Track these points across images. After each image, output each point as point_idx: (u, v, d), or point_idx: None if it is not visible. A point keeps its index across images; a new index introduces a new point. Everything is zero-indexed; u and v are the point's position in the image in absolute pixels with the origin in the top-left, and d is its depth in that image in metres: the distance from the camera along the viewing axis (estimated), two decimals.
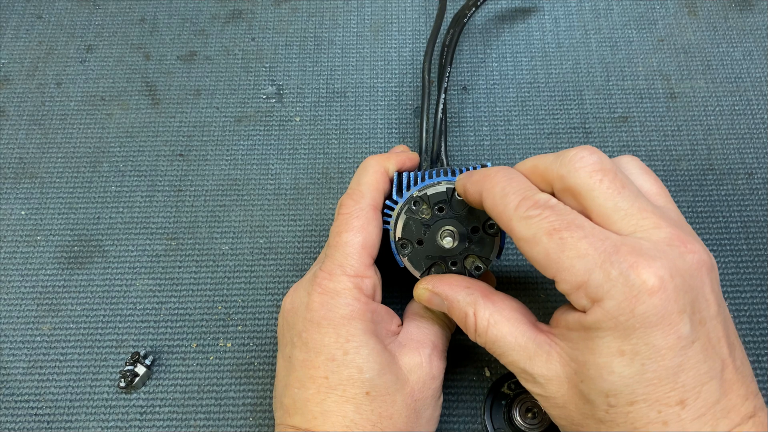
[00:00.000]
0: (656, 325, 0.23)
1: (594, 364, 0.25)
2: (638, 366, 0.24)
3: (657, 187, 0.29)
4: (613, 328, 0.24)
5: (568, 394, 0.26)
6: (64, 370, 0.38)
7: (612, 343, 0.24)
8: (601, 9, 0.50)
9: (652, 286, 0.23)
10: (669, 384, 0.24)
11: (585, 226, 0.25)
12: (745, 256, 0.41)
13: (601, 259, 0.24)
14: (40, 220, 0.43)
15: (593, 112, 0.46)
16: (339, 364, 0.29)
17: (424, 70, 0.42)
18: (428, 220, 0.32)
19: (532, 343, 0.28)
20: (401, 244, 0.32)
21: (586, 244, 0.24)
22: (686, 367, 0.24)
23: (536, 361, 0.27)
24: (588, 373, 0.25)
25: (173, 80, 0.48)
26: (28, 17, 0.51)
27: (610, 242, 0.24)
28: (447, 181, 0.32)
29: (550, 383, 0.27)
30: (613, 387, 0.24)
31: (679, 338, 0.24)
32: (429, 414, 0.32)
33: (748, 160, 0.44)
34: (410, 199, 0.32)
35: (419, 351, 0.32)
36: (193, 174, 0.44)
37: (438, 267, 0.33)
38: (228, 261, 0.41)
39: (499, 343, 0.29)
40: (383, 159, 0.35)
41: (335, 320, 0.30)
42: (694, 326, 0.24)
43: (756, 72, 0.47)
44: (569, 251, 0.25)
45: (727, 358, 0.25)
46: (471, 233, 0.32)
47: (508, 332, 0.28)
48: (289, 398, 0.30)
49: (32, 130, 0.46)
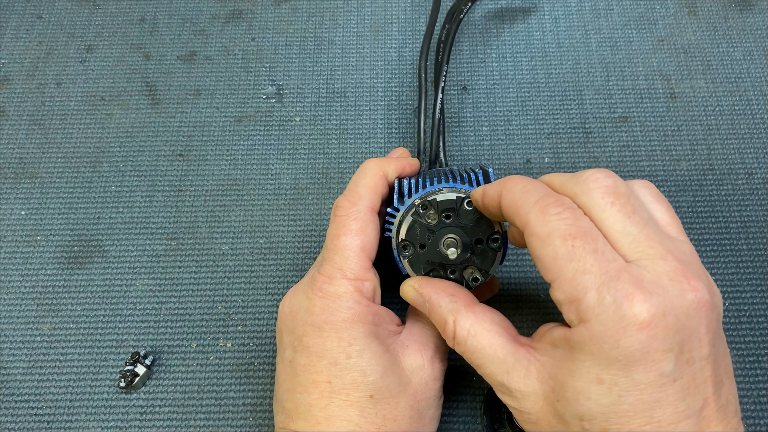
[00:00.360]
0: (639, 360, 0.23)
1: (572, 387, 0.25)
2: (615, 396, 0.24)
3: (669, 216, 0.29)
4: (595, 353, 0.24)
5: (543, 411, 0.26)
6: (64, 370, 0.38)
7: (592, 368, 0.24)
8: (601, 9, 0.50)
9: (642, 321, 0.23)
10: (644, 418, 0.24)
11: (598, 240, 0.25)
12: (745, 256, 0.41)
13: (601, 281, 0.24)
14: (40, 220, 0.43)
15: (593, 112, 0.46)
16: (342, 368, 0.29)
17: (420, 68, 0.42)
18: (434, 225, 0.32)
19: (511, 356, 0.28)
20: (403, 245, 0.32)
21: (592, 260, 0.24)
22: (664, 404, 0.24)
23: (514, 375, 0.27)
24: (565, 394, 0.25)
25: (173, 80, 0.48)
26: (28, 17, 0.51)
27: (615, 266, 0.24)
28: (456, 189, 0.31)
29: (527, 399, 0.27)
30: (588, 412, 0.24)
31: (660, 375, 0.24)
32: (431, 414, 0.32)
33: (748, 160, 0.44)
34: (417, 203, 0.32)
35: (422, 353, 0.32)
36: (193, 174, 0.44)
37: (436, 273, 0.33)
38: (228, 261, 0.41)
39: (477, 354, 0.28)
40: (383, 163, 0.34)
41: (337, 324, 0.30)
42: (679, 365, 0.24)
43: (756, 72, 0.47)
44: (576, 262, 0.24)
45: (710, 396, 0.25)
46: (474, 244, 0.32)
47: (488, 344, 0.28)
48: (292, 403, 0.30)
49: (32, 130, 0.46)
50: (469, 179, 0.33)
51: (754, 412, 0.37)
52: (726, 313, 0.39)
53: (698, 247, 0.41)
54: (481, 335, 0.29)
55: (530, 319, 0.39)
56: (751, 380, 0.37)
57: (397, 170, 0.35)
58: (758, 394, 0.37)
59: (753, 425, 0.36)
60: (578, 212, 0.26)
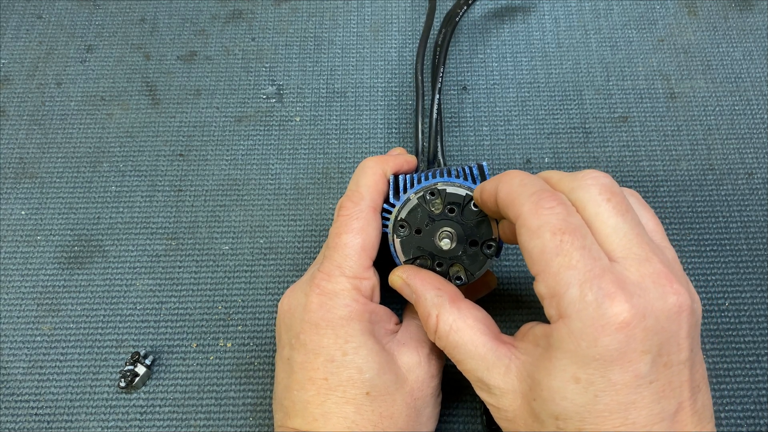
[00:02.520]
0: (616, 360, 0.24)
1: (548, 386, 0.25)
2: (591, 396, 0.24)
3: (654, 224, 0.29)
4: (573, 351, 0.24)
5: (520, 410, 0.27)
6: (64, 370, 0.38)
7: (569, 367, 0.24)
8: (601, 9, 0.50)
9: (621, 321, 0.23)
10: (619, 419, 0.24)
11: (587, 237, 0.25)
12: (745, 256, 0.41)
13: (585, 278, 0.24)
14: (40, 220, 0.43)
15: (593, 112, 0.46)
16: (338, 365, 0.29)
17: (417, 71, 0.42)
18: (436, 215, 0.32)
19: (492, 354, 0.28)
20: (400, 224, 0.32)
21: (578, 256, 0.24)
22: (639, 406, 0.24)
23: (494, 373, 0.28)
24: (541, 393, 0.25)
25: (173, 80, 0.48)
26: (28, 17, 0.51)
27: (600, 264, 0.25)
28: (461, 185, 0.32)
29: (505, 396, 0.27)
30: (563, 412, 0.24)
31: (637, 377, 0.24)
32: (429, 412, 0.32)
33: (748, 160, 0.44)
34: (427, 188, 0.32)
35: (418, 350, 0.32)
36: (193, 174, 0.44)
37: (423, 261, 0.33)
38: (228, 261, 0.41)
39: (459, 350, 0.29)
40: (381, 161, 0.35)
41: (334, 321, 0.30)
42: (656, 367, 0.24)
43: (756, 72, 0.47)
44: (562, 257, 0.25)
45: (686, 401, 0.25)
46: (468, 244, 0.32)
47: (469, 340, 0.29)
48: (289, 400, 0.30)
49: (32, 130, 0.46)
50: (464, 173, 0.33)
51: (754, 412, 0.36)
52: (726, 313, 0.39)
53: (698, 247, 0.41)
54: (463, 331, 0.29)
55: (530, 318, 0.39)
56: (751, 380, 0.37)
57: (395, 168, 0.35)
58: (758, 394, 0.37)
59: (753, 425, 0.36)
60: (571, 209, 0.26)
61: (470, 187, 0.32)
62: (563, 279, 0.24)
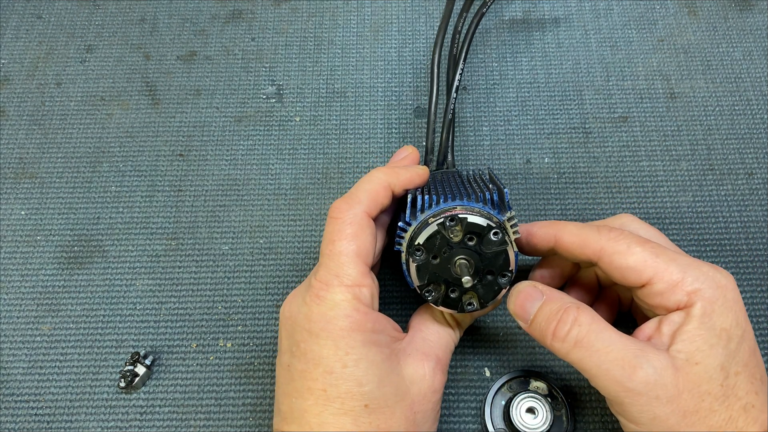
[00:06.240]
0: (741, 309, 0.29)
1: (707, 343, 0.28)
2: (735, 344, 0.28)
3: (663, 239, 0.34)
4: (710, 313, 0.29)
5: (682, 382, 0.28)
6: (64, 370, 0.38)
7: (716, 323, 0.29)
8: (601, 9, 0.50)
9: (728, 283, 0.30)
10: (755, 360, 0.29)
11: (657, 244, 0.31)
12: (745, 256, 0.41)
13: (688, 263, 0.30)
14: (40, 220, 0.43)
15: (593, 112, 0.46)
16: (337, 377, 0.29)
17: (433, 63, 0.39)
18: (454, 242, 0.31)
19: (631, 353, 0.28)
20: (417, 248, 0.31)
21: (668, 253, 0.30)
22: (758, 350, 0.30)
23: (638, 371, 0.28)
24: (704, 352, 0.28)
25: (173, 80, 0.48)
26: (28, 17, 0.51)
27: (687, 256, 0.31)
28: (486, 214, 0.31)
29: (660, 380, 0.28)
30: (725, 360, 0.28)
31: (749, 324, 0.30)
32: (428, 427, 0.31)
33: (748, 160, 0.44)
34: (446, 213, 0.31)
35: (423, 363, 0.32)
36: (193, 174, 0.44)
37: (436, 287, 0.32)
38: (228, 261, 0.41)
39: (595, 353, 0.29)
40: (391, 174, 0.33)
41: (334, 332, 0.29)
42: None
43: (756, 72, 0.47)
44: (663, 257, 0.30)
45: None
46: (485, 274, 0.32)
47: (608, 339, 0.29)
48: (287, 406, 0.30)
49: (32, 130, 0.46)
50: (483, 198, 0.32)
51: None
52: None
53: (698, 247, 0.41)
54: (604, 330, 0.30)
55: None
56: None
57: (405, 182, 0.34)
58: None
59: None
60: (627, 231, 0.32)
61: (490, 215, 0.31)
62: (676, 269, 0.29)
